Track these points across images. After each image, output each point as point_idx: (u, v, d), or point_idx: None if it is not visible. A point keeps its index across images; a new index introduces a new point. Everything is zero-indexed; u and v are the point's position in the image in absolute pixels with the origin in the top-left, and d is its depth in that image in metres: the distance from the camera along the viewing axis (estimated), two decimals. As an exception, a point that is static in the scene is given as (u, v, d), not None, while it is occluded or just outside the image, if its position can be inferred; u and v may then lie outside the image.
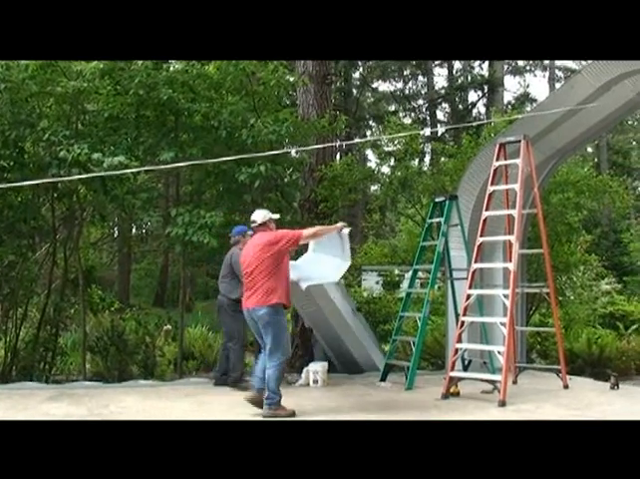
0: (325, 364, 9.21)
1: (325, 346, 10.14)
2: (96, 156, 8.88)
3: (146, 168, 9.43)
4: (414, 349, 8.90)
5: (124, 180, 9.75)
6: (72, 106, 9.96)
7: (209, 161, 8.82)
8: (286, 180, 11.67)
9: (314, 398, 8.05)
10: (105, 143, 9.58)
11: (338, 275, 8.05)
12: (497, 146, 8.77)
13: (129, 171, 8.75)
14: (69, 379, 11.01)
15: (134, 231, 28.19)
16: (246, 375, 8.41)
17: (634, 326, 14.60)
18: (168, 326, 13.41)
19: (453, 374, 8.06)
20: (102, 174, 8.55)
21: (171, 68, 10.15)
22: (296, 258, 8.03)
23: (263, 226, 7.03)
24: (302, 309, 9.82)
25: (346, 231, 7.61)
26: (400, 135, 12.58)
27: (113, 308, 13.77)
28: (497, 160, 8.70)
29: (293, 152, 11.46)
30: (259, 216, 7.10)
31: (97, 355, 11.42)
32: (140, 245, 29.35)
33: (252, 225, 7.16)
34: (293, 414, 6.70)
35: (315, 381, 8.90)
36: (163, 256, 26.00)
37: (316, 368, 9.01)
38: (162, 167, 9.01)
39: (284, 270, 6.86)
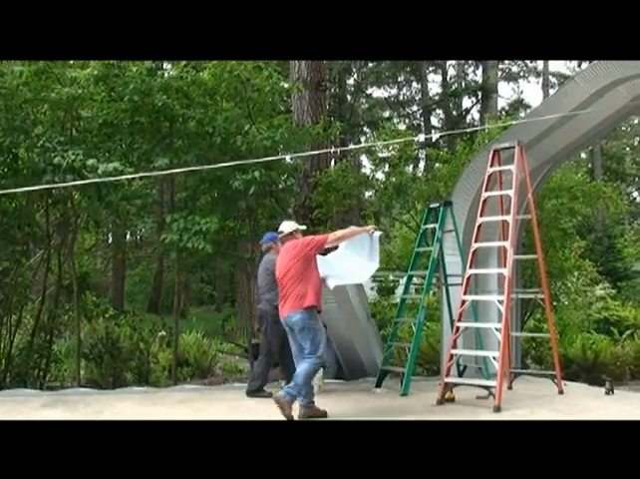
0: (320, 371, 9.17)
1: (336, 349, 10.09)
2: (90, 162, 8.87)
3: (140, 174, 9.42)
4: (409, 355, 8.91)
5: (118, 186, 9.73)
6: (66, 112, 9.95)
7: (204, 167, 8.82)
8: (281, 186, 11.68)
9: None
10: (99, 149, 9.58)
11: (365, 277, 8.12)
12: (492, 152, 8.79)
13: (123, 177, 8.74)
14: (63, 386, 10.98)
15: (128, 237, 28.16)
16: (267, 386, 8.50)
17: (628, 331, 14.62)
18: (163, 333, 13.37)
19: (448, 380, 8.06)
20: (96, 180, 8.54)
21: (166, 74, 10.15)
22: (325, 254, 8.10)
23: (290, 236, 7.37)
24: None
25: (377, 233, 7.73)
26: (394, 141, 12.59)
27: (107, 315, 13.71)
28: (492, 166, 8.71)
29: (288, 158, 11.47)
30: (287, 226, 7.47)
31: (91, 362, 11.39)
32: (134, 252, 29.29)
33: (280, 235, 7.55)
34: (291, 418, 6.75)
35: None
36: (158, 263, 25.96)
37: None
38: (157, 173, 9.00)
39: (313, 274, 7.07)
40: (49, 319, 10.91)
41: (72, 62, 10.47)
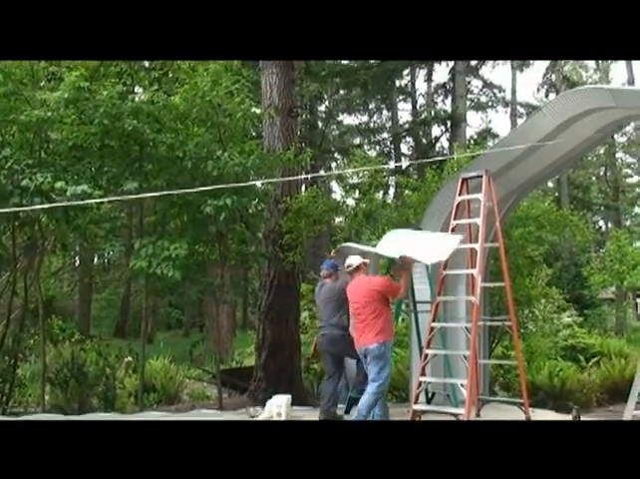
0: (289, 397, 9.13)
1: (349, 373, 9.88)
2: (59, 185, 8.80)
3: (110, 198, 9.36)
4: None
5: (86, 209, 9.66)
6: (35, 134, 9.87)
7: (174, 192, 8.79)
8: (251, 211, 11.68)
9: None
10: (68, 172, 9.50)
11: (430, 259, 8.28)
12: (460, 180, 8.88)
13: (92, 201, 8.68)
14: (27, 411, 10.77)
15: (95, 260, 27.93)
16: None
17: (594, 359, 14.77)
18: (129, 358, 13.22)
19: (416, 407, 8.07)
20: (65, 204, 8.47)
21: (137, 98, 10.13)
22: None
23: (358, 269, 7.83)
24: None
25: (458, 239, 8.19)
26: (365, 168, 12.67)
27: (73, 339, 13.53)
28: (460, 194, 8.79)
29: (259, 184, 11.48)
30: (354, 261, 7.88)
31: (56, 387, 11.21)
32: (101, 275, 29.04)
33: (348, 269, 7.94)
34: None
35: (278, 414, 8.83)
36: (125, 286, 25.73)
37: (279, 402, 8.94)
38: (126, 197, 8.95)
39: (387, 309, 7.71)
40: (14, 343, 10.73)
41: (42, 84, 10.44)
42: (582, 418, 8.71)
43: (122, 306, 29.36)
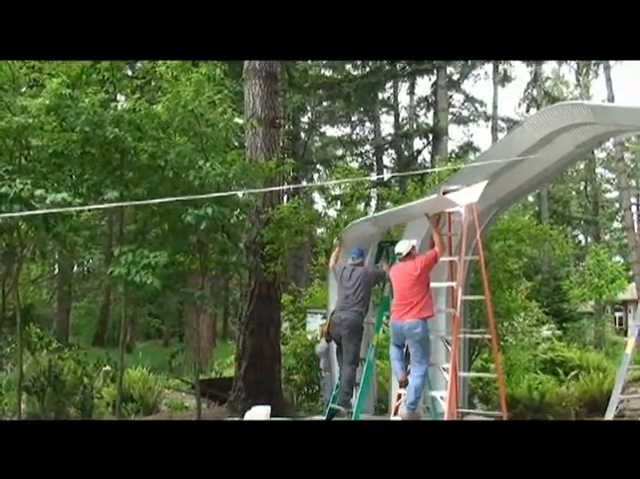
0: (268, 408, 9.09)
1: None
2: (38, 192, 8.72)
3: (90, 207, 9.29)
4: (357, 394, 8.88)
5: (66, 217, 9.57)
6: (15, 141, 9.78)
7: (155, 201, 8.74)
8: (232, 221, 11.64)
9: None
10: (48, 179, 9.42)
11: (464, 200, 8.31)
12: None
13: (72, 209, 8.61)
14: (3, 420, 10.64)
15: (75, 268, 27.73)
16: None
17: (573, 372, 14.83)
18: (107, 367, 13.11)
19: (395, 418, 8.06)
20: (44, 211, 8.40)
21: (119, 106, 10.07)
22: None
23: (408, 255, 8.15)
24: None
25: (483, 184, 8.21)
26: (346, 180, 12.70)
27: (51, 348, 13.39)
28: (441, 207, 8.81)
29: (240, 194, 11.45)
30: (403, 247, 8.25)
31: (33, 396, 11.10)
32: (81, 283, 28.84)
33: (399, 257, 8.24)
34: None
35: (257, 425, 8.78)
36: (105, 295, 25.58)
37: (259, 413, 8.90)
38: (107, 205, 8.89)
39: (428, 287, 8.05)
40: (-10, 351, 10.62)
41: (23, 90, 10.36)
42: (560, 431, 8.74)
43: (101, 315, 29.18)
